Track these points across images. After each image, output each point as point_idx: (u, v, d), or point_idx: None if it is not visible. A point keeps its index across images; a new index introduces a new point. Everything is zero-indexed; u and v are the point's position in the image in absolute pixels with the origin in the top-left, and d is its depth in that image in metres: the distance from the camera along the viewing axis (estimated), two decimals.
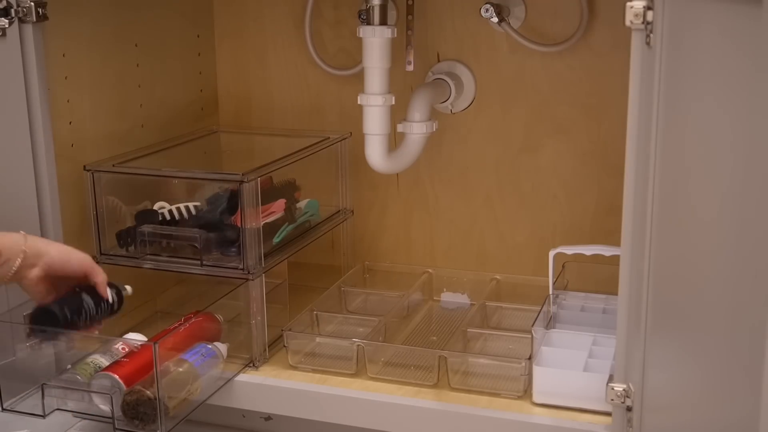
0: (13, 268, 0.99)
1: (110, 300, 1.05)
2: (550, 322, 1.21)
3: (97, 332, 1.06)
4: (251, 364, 1.19)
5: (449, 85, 1.38)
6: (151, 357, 1.03)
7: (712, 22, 0.71)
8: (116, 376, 1.04)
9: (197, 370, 1.09)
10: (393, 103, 1.29)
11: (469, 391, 1.13)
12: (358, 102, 1.29)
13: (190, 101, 1.50)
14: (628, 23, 0.88)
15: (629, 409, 0.97)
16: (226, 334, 1.19)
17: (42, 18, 1.13)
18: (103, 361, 1.08)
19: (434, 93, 1.36)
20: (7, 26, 1.11)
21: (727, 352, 0.66)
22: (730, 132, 0.67)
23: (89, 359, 1.08)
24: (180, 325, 1.13)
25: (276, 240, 1.25)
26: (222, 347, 1.15)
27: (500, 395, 1.12)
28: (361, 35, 1.27)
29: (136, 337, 1.12)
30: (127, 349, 1.09)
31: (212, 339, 1.16)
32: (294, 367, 1.20)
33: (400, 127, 1.33)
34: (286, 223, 1.27)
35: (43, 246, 1.02)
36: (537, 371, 1.09)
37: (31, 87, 1.14)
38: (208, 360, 1.12)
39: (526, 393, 1.12)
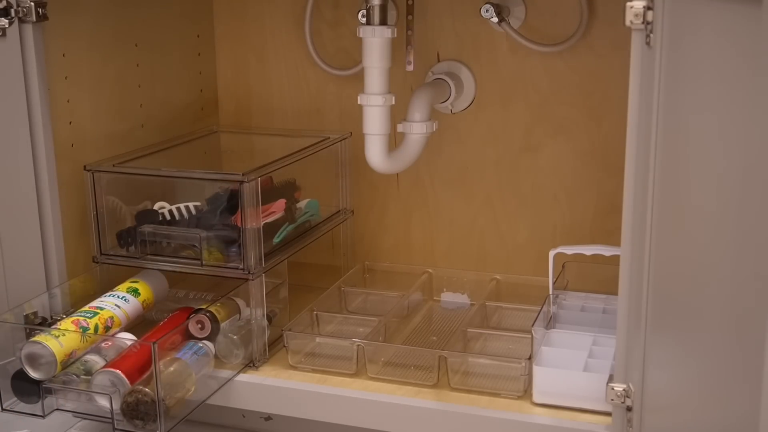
0: None
1: None
2: (550, 322, 1.21)
3: None
4: (251, 364, 1.19)
5: (449, 85, 1.38)
6: (146, 356, 1.03)
7: (712, 23, 0.71)
8: (119, 372, 1.03)
9: (191, 368, 1.09)
10: (393, 103, 1.29)
11: (469, 391, 1.13)
12: (358, 102, 1.29)
13: (190, 101, 1.50)
14: (628, 23, 0.88)
15: (629, 409, 0.97)
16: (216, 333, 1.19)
17: (42, 18, 1.13)
18: (97, 359, 1.07)
19: (434, 93, 1.36)
20: (7, 26, 1.11)
21: (728, 352, 0.66)
22: (730, 132, 0.67)
23: (83, 358, 1.07)
24: (167, 323, 1.13)
25: (276, 240, 1.25)
26: (210, 345, 1.15)
27: (500, 395, 1.12)
28: (361, 35, 1.27)
29: (126, 336, 1.12)
30: (110, 344, 1.08)
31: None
32: (294, 367, 1.20)
33: (400, 127, 1.33)
34: (287, 223, 1.27)
35: None
36: (537, 371, 1.09)
37: (31, 87, 1.14)
38: (200, 358, 1.11)
39: (526, 393, 1.12)
